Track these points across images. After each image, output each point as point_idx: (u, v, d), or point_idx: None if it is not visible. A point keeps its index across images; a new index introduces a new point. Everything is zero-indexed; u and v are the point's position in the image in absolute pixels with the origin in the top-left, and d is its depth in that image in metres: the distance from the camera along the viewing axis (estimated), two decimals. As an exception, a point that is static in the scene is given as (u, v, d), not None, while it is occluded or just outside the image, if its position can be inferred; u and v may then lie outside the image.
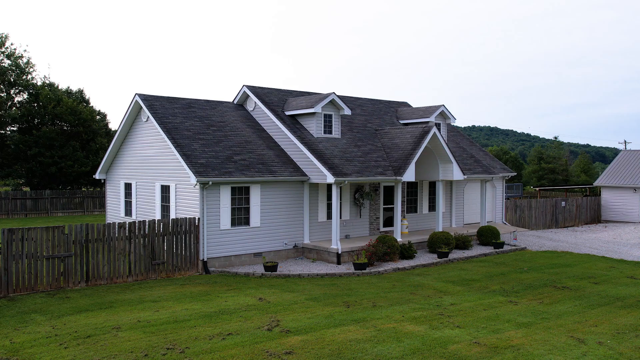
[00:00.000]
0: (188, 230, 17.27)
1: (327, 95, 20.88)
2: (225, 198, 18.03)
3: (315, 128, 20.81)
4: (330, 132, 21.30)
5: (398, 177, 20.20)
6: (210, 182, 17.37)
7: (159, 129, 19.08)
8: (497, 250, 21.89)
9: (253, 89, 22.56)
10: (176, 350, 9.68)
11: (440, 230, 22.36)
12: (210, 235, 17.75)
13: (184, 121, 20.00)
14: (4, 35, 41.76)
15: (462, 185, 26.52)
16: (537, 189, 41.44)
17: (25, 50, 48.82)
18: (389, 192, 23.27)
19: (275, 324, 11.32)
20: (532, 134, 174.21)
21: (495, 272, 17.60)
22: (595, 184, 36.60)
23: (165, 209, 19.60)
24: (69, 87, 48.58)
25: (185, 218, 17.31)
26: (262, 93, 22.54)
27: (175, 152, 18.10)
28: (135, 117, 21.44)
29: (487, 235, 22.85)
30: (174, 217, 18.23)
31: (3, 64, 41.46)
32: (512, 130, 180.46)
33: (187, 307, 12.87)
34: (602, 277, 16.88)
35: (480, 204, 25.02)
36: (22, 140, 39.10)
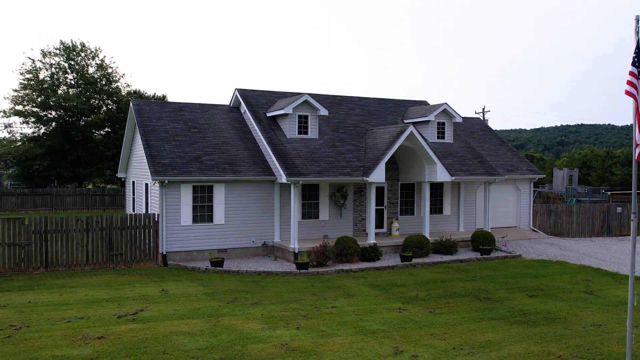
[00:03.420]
0: (147, 225, 18.72)
1: (300, 96, 21.15)
2: (186, 196, 19.21)
3: (288, 129, 21.20)
4: (306, 133, 21.52)
5: (365, 178, 19.88)
6: (167, 181, 18.66)
7: (138, 131, 20.84)
8: (481, 256, 20.49)
9: (242, 91, 23.52)
10: (16, 327, 10.97)
11: (427, 234, 21.52)
12: (170, 231, 19.03)
13: (167, 124, 21.55)
14: (96, 48, 47.43)
15: (473, 188, 25.05)
16: (610, 192, 37.15)
17: (113, 62, 54.63)
18: (379, 193, 22.85)
19: (133, 313, 12.17)
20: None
21: (437, 279, 16.70)
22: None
23: (147, 205, 21.33)
24: (155, 93, 53.51)
25: (145, 213, 18.78)
26: (251, 95, 23.41)
27: (144, 153, 19.68)
28: (134, 120, 23.50)
29: (479, 241, 21.45)
30: (150, 212, 19.81)
31: (95, 75, 47.04)
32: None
33: (90, 293, 14.20)
34: (553, 290, 15.24)
35: (484, 206, 23.46)
36: (101, 142, 44.09)
